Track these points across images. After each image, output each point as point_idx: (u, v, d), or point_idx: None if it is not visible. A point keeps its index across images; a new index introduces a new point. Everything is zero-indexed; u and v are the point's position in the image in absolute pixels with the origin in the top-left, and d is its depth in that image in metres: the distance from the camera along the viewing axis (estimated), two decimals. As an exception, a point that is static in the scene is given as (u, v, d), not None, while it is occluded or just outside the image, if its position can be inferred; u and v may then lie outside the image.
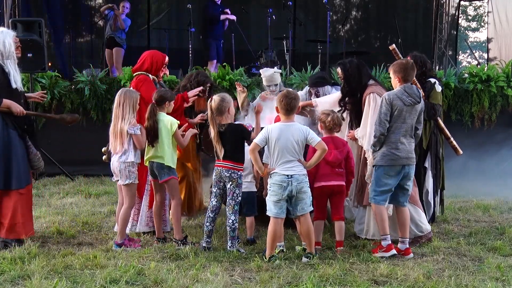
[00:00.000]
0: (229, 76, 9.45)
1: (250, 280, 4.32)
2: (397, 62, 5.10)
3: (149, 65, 5.80)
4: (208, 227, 5.13)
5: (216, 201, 5.16)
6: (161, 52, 6.06)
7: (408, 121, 4.97)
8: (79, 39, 13.93)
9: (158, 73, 5.86)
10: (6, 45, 5.24)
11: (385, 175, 4.98)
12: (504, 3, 12.70)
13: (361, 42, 14.74)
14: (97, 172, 9.10)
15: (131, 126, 5.11)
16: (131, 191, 5.22)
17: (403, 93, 4.95)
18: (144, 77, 5.76)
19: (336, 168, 5.16)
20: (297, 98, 4.87)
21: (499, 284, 4.30)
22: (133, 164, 5.19)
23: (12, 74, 5.22)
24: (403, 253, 5.02)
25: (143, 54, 5.96)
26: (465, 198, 7.80)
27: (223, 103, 5.03)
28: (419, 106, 5.01)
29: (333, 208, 5.25)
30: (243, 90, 6.66)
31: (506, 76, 9.98)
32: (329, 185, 5.15)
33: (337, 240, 5.17)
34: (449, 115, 9.86)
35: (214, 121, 5.04)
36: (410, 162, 5.02)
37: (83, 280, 4.23)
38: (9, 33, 5.35)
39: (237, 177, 5.05)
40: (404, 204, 5.10)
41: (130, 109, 5.14)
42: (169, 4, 14.19)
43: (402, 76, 5.00)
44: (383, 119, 4.93)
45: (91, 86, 9.27)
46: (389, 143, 4.97)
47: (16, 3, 9.72)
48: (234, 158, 5.04)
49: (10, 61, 5.24)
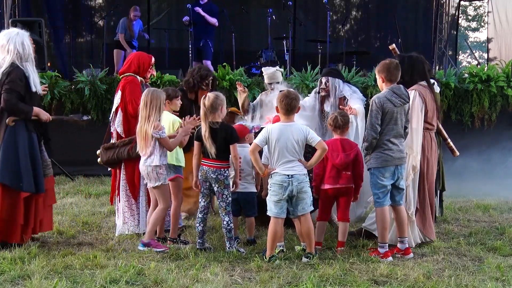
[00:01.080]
0: (229, 76, 9.45)
1: (250, 280, 4.32)
2: (381, 62, 5.07)
3: (136, 67, 5.76)
4: (198, 228, 5.12)
5: (204, 201, 5.14)
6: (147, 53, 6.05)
7: (399, 122, 4.96)
8: (79, 39, 13.93)
9: (145, 74, 5.83)
10: (25, 47, 5.05)
11: (381, 177, 4.97)
12: (504, 3, 12.69)
13: (361, 42, 14.73)
14: (97, 172, 9.09)
15: (156, 131, 4.97)
16: (163, 193, 5.10)
17: (392, 94, 4.93)
18: (132, 78, 5.72)
19: (343, 171, 5.13)
20: (297, 99, 4.86)
21: (499, 284, 4.30)
22: (160, 166, 5.05)
23: (32, 78, 5.05)
24: (402, 253, 5.02)
25: (129, 56, 5.97)
26: (465, 198, 7.80)
27: (217, 100, 5.01)
28: (407, 105, 5.01)
29: (339, 209, 5.24)
30: (244, 90, 6.66)
31: (506, 76, 9.98)
32: (335, 188, 5.14)
33: (339, 240, 5.16)
34: (449, 115, 9.86)
35: (206, 118, 5.03)
36: (403, 162, 5.02)
37: (83, 280, 4.23)
38: (25, 34, 5.14)
39: (223, 178, 5.01)
40: (400, 203, 5.09)
41: (156, 110, 4.98)
42: (169, 4, 14.18)
43: (385, 75, 4.98)
44: (375, 123, 4.90)
45: (91, 86, 9.27)
46: (381, 145, 4.95)
47: (16, 3, 9.73)
48: (221, 157, 5.01)
49: (28, 64, 5.06)
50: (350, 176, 5.15)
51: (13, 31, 5.13)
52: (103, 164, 5.66)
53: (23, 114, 5.02)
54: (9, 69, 4.97)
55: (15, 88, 4.94)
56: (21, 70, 5.01)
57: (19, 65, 5.02)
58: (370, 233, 5.46)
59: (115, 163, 5.59)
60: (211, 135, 4.98)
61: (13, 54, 5.01)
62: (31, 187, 5.03)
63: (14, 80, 4.94)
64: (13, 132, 5.02)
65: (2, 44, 5.05)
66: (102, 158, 5.60)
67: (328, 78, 6.17)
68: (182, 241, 5.34)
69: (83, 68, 10.33)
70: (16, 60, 5.01)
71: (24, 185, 5.01)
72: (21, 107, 4.99)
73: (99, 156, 5.63)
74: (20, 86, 4.96)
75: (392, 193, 5.06)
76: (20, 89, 4.97)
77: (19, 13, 9.88)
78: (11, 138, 5.01)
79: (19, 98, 4.98)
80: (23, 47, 5.04)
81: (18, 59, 5.02)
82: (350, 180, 5.16)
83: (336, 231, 5.38)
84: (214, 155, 4.97)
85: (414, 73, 5.37)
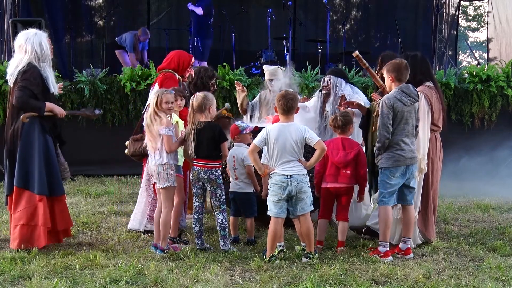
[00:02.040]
0: (229, 76, 9.45)
1: (250, 280, 4.32)
2: (391, 62, 5.06)
3: (175, 65, 5.84)
4: (195, 229, 5.12)
5: (198, 201, 5.14)
6: (187, 52, 6.10)
7: (410, 121, 4.96)
8: (79, 39, 13.92)
9: (184, 73, 5.90)
10: (44, 47, 5.01)
11: (391, 177, 4.96)
12: (504, 3, 12.69)
13: (361, 42, 14.72)
14: (97, 172, 9.11)
15: (163, 127, 4.93)
16: (169, 195, 5.05)
17: (401, 94, 4.93)
18: (171, 74, 5.78)
19: (343, 169, 5.13)
20: (295, 99, 4.86)
21: (499, 284, 4.30)
22: (170, 166, 5.01)
23: (50, 79, 5.04)
24: (403, 253, 5.02)
25: (169, 54, 6.01)
26: (465, 198, 7.80)
27: (205, 100, 5.00)
28: (417, 104, 5.01)
29: (338, 209, 5.24)
30: (243, 89, 6.66)
31: (506, 76, 9.98)
32: (336, 187, 5.14)
33: (339, 240, 5.17)
34: (449, 115, 9.85)
35: (193, 118, 5.02)
36: (414, 161, 5.02)
37: (83, 280, 4.23)
38: (43, 34, 5.12)
39: (215, 178, 5.02)
40: (411, 202, 5.09)
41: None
42: (169, 4, 14.19)
43: (395, 75, 4.97)
44: (386, 123, 4.90)
45: (91, 86, 9.26)
46: (393, 145, 4.95)
47: (16, 3, 9.73)
48: (211, 157, 5.01)
49: (46, 64, 5.03)
50: (350, 175, 5.15)
51: (31, 32, 5.12)
52: (130, 155, 5.59)
53: (35, 110, 4.97)
54: (26, 68, 4.97)
55: (28, 86, 4.92)
56: (38, 70, 4.99)
57: (36, 65, 5.00)
58: (372, 232, 5.46)
59: (141, 155, 5.53)
60: (195, 135, 4.98)
61: (31, 54, 4.99)
62: (44, 189, 4.99)
63: (28, 78, 4.93)
64: (29, 134, 4.99)
65: (20, 44, 5.05)
66: (129, 149, 5.54)
67: (330, 77, 6.16)
68: (182, 241, 5.34)
69: (83, 68, 10.32)
70: (34, 60, 5.00)
71: (37, 187, 4.97)
72: (32, 103, 4.95)
73: (127, 147, 5.58)
74: (34, 84, 4.94)
75: (403, 192, 5.06)
76: (34, 87, 4.95)
77: (19, 13, 9.87)
78: (28, 139, 4.99)
79: (31, 96, 4.94)
80: (41, 48, 5.02)
81: (36, 59, 5.00)
82: (350, 180, 5.16)
83: (336, 231, 5.38)
84: (200, 156, 4.98)
85: (417, 73, 5.35)
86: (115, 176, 9.18)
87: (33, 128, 4.99)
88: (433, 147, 5.40)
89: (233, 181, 5.41)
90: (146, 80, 9.25)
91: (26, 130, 4.98)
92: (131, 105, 9.25)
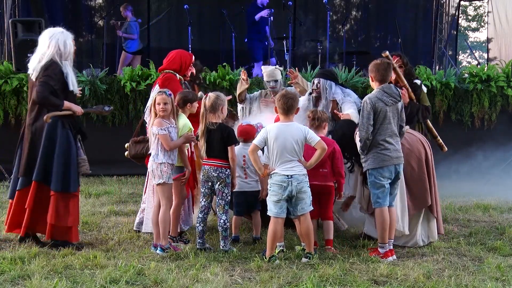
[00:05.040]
0: (229, 76, 9.45)
1: (250, 280, 4.32)
2: (372, 62, 5.09)
3: (178, 65, 5.82)
4: (198, 228, 5.12)
5: (205, 201, 5.14)
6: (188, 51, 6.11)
7: (392, 121, 4.97)
8: (79, 39, 13.90)
9: (186, 72, 5.90)
10: (67, 46, 5.12)
11: (379, 177, 4.95)
12: (504, 3, 12.68)
13: (361, 42, 14.72)
14: (97, 172, 9.09)
15: (156, 127, 4.98)
16: (165, 192, 5.05)
17: (382, 94, 4.95)
18: (171, 75, 5.77)
19: (320, 168, 5.09)
20: (295, 98, 4.86)
21: (499, 284, 4.30)
22: (164, 164, 5.01)
23: (70, 76, 5.10)
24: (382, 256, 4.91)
25: (170, 54, 5.96)
26: (465, 198, 7.80)
27: (217, 100, 5.02)
28: (399, 104, 5.02)
29: (321, 209, 5.24)
30: (247, 81, 6.59)
31: (506, 76, 9.98)
32: (315, 184, 5.04)
33: (326, 238, 5.19)
34: (449, 115, 9.86)
35: (205, 118, 5.03)
36: (400, 161, 5.02)
37: (83, 280, 4.23)
38: (69, 35, 5.21)
39: (225, 177, 5.03)
40: (392, 204, 5.08)
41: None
42: (169, 4, 14.18)
43: (374, 75, 5.01)
44: (366, 123, 4.90)
45: (91, 86, 9.26)
46: (377, 145, 4.94)
47: (16, 3, 9.73)
48: (221, 157, 5.02)
49: (67, 63, 5.11)
50: (327, 173, 5.15)
51: (58, 29, 5.22)
52: (131, 158, 5.54)
53: (54, 106, 5.05)
54: (48, 64, 5.04)
55: (49, 82, 4.99)
56: (59, 67, 5.07)
57: (58, 61, 5.07)
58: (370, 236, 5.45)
59: (143, 157, 5.51)
60: (206, 135, 4.99)
61: (54, 50, 5.07)
62: (57, 185, 5.05)
63: (49, 74, 5.01)
64: (52, 131, 5.06)
65: (44, 40, 5.14)
66: (131, 151, 5.49)
67: (320, 80, 6.14)
68: (182, 240, 5.33)
69: (83, 68, 10.33)
70: (56, 56, 5.08)
71: (52, 184, 5.05)
72: (52, 100, 5.02)
73: (127, 150, 5.55)
74: (54, 81, 5.02)
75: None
76: (54, 83, 5.02)
77: (19, 13, 9.87)
78: (51, 136, 5.06)
79: (52, 92, 5.01)
80: (65, 46, 5.12)
81: (58, 56, 5.09)
82: (328, 178, 5.17)
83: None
84: (211, 156, 5.00)
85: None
86: (115, 176, 9.18)
87: (56, 125, 5.08)
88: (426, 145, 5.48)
89: (243, 180, 5.36)
90: (146, 80, 9.26)
91: (49, 127, 5.06)
92: (131, 105, 9.25)
